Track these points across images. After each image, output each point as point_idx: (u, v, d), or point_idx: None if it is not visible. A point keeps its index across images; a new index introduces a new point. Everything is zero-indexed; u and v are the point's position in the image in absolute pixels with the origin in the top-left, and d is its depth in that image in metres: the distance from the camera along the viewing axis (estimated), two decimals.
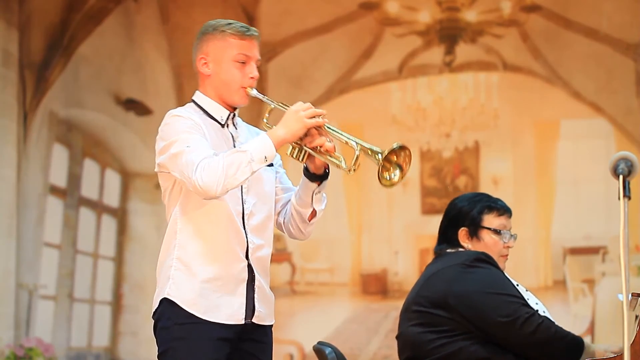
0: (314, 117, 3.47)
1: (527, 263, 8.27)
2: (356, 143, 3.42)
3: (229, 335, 3.52)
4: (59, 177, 8.35)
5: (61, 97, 8.33)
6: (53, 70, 8.28)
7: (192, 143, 3.42)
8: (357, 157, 3.42)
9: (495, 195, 4.25)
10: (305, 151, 3.53)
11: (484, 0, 8.40)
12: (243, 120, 3.75)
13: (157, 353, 3.57)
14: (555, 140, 8.40)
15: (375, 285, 8.46)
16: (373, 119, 8.48)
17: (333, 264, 8.55)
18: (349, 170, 3.45)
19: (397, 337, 4.13)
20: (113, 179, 8.49)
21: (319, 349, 4.10)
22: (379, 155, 3.38)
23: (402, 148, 3.43)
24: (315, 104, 9.30)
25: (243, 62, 3.61)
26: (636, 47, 8.21)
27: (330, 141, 3.50)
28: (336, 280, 8.53)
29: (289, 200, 3.69)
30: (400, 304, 4.15)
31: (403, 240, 8.45)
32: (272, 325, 3.66)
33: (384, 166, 3.40)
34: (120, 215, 8.44)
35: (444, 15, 8.43)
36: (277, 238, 8.60)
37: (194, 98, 3.65)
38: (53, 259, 8.27)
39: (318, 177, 3.59)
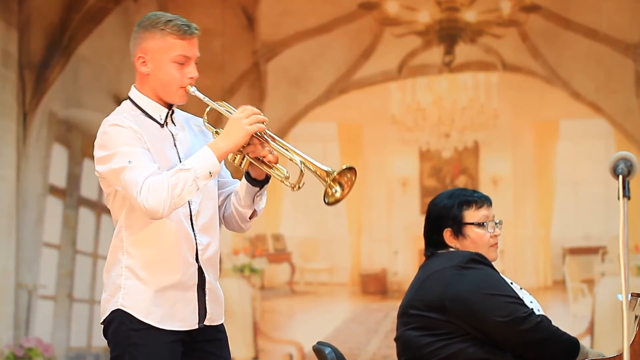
0: (254, 123, 3.43)
1: (527, 263, 8.27)
2: (301, 159, 3.40)
3: (183, 337, 3.51)
4: (58, 177, 8.34)
5: (61, 97, 8.33)
6: (52, 71, 8.28)
7: (134, 158, 3.38)
8: (301, 174, 3.41)
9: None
10: (247, 160, 3.51)
11: (483, 0, 8.40)
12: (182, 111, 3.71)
13: (110, 356, 3.58)
14: (555, 141, 8.40)
15: (374, 285, 8.46)
16: (372, 119, 8.48)
17: (332, 264, 8.54)
18: (293, 187, 3.45)
19: (395, 340, 4.13)
20: None
21: (318, 349, 4.10)
22: (329, 177, 3.36)
23: (350, 169, 3.39)
24: (315, 104, 9.29)
25: (182, 63, 3.52)
26: (636, 47, 8.21)
27: (271, 153, 3.48)
28: (336, 280, 8.53)
29: (229, 194, 3.67)
30: (399, 303, 4.15)
31: (402, 240, 8.45)
32: (223, 324, 3.64)
33: (330, 185, 3.39)
34: None
35: (443, 15, 8.43)
36: (276, 238, 8.63)
37: (130, 95, 3.59)
38: (52, 259, 8.27)
39: (259, 182, 3.58)
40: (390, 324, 8.16)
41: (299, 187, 3.44)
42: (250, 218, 3.64)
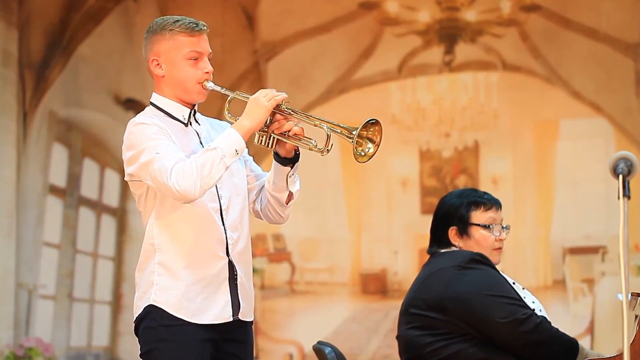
0: (271, 99, 3.49)
1: (527, 263, 8.27)
2: (326, 124, 3.46)
3: (214, 336, 3.52)
4: (58, 177, 8.34)
5: (61, 97, 8.33)
6: (53, 70, 8.28)
7: (161, 149, 3.41)
8: (328, 138, 3.47)
9: (495, 195, 4.24)
10: (274, 138, 3.54)
11: (483, 0, 8.40)
12: (204, 115, 3.74)
13: (140, 352, 3.56)
14: (555, 140, 8.40)
15: (374, 284, 8.46)
16: None
17: (333, 263, 8.54)
18: (322, 152, 3.50)
19: (396, 338, 4.13)
20: (113, 179, 8.49)
21: (318, 348, 4.10)
22: (354, 132, 3.43)
23: (374, 123, 3.46)
24: (315, 103, 9.29)
25: (196, 59, 3.57)
26: (636, 47, 8.21)
27: (297, 124, 3.52)
28: (336, 280, 8.53)
29: (262, 186, 3.69)
30: (400, 303, 4.15)
31: (403, 240, 8.45)
32: (252, 323, 3.65)
33: (357, 142, 3.44)
34: (120, 215, 8.44)
35: (443, 15, 8.43)
36: (276, 237, 8.63)
37: (152, 101, 3.63)
38: (53, 258, 8.27)
39: (290, 160, 3.60)
40: (390, 323, 8.16)
41: (327, 151, 3.50)
42: (287, 203, 3.65)
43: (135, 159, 3.45)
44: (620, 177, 3.14)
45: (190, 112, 3.61)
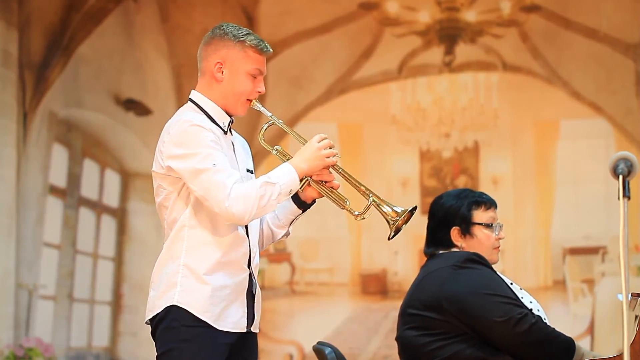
0: (330, 156, 3.58)
1: (527, 263, 8.27)
2: (373, 199, 3.57)
3: (232, 341, 3.57)
4: (58, 177, 8.34)
5: (61, 97, 8.33)
6: (53, 70, 8.28)
7: (218, 161, 3.44)
8: (368, 207, 3.58)
9: (495, 195, 4.25)
10: (308, 182, 3.61)
11: (483, 0, 8.40)
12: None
13: (157, 353, 3.56)
14: (555, 140, 8.41)
15: (375, 285, 8.46)
16: (373, 119, 8.48)
17: (333, 264, 8.54)
18: (357, 217, 3.61)
19: (396, 339, 4.14)
20: (113, 179, 8.49)
21: (318, 349, 4.10)
22: (398, 218, 3.54)
23: (413, 209, 3.56)
24: (315, 104, 9.29)
25: (255, 77, 3.65)
26: (636, 47, 8.21)
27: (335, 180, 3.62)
28: (336, 280, 8.53)
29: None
30: (400, 304, 4.15)
31: (403, 240, 8.42)
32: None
33: (397, 224, 3.55)
34: (120, 215, 8.44)
35: (443, 15, 8.44)
36: None
37: (195, 99, 3.64)
38: (53, 259, 8.27)
39: (305, 205, 3.70)
40: (390, 324, 8.16)
41: (363, 218, 3.62)
42: (279, 239, 3.78)
43: (185, 158, 3.45)
44: (620, 177, 3.14)
45: (230, 122, 3.65)
